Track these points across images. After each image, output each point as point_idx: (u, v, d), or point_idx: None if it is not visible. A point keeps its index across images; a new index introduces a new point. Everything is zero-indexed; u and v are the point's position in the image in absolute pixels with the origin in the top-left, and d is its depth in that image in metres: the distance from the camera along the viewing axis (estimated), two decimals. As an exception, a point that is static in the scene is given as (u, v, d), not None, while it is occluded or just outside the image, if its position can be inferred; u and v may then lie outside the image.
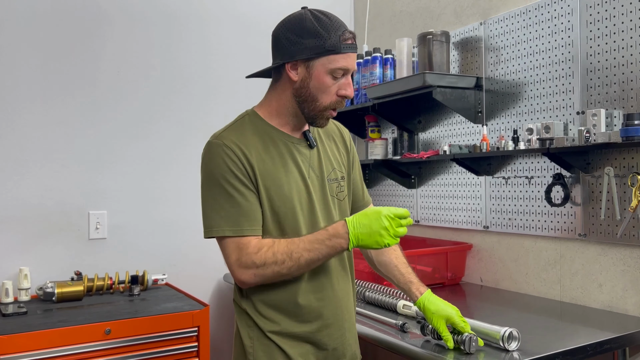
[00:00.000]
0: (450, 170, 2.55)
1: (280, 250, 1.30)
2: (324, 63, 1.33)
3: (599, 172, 1.90)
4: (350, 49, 1.34)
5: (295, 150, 1.41)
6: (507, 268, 2.27)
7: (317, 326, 1.40)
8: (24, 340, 1.79)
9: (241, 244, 1.32)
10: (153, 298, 2.29)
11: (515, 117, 2.22)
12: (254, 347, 1.39)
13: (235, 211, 1.32)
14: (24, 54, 2.36)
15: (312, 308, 1.39)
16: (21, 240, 2.34)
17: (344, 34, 1.33)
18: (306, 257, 1.30)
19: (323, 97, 1.35)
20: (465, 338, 1.44)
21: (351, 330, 1.50)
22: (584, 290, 1.98)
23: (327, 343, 1.42)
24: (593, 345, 1.53)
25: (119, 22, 2.56)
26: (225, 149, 1.34)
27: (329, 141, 1.51)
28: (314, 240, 1.30)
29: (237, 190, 1.32)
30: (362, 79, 2.82)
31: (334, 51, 1.32)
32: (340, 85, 1.36)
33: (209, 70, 2.78)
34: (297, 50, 1.33)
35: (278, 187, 1.35)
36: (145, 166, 2.61)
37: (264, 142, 1.38)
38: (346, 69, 1.35)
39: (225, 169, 1.33)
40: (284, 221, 1.36)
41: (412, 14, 2.82)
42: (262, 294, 1.38)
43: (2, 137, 2.31)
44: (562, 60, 2.04)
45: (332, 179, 1.45)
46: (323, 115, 1.38)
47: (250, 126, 1.40)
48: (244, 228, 1.32)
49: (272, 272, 1.30)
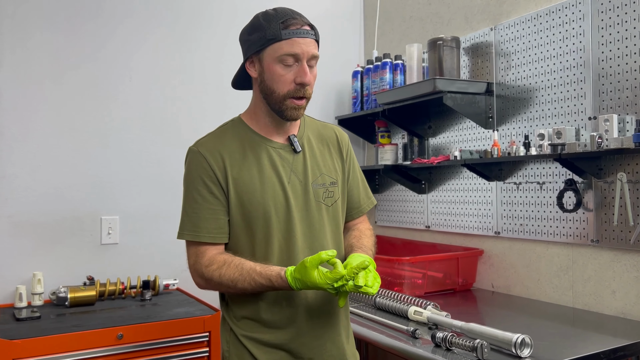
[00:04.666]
0: (461, 175, 2.55)
1: (226, 276, 1.33)
2: (270, 53, 1.34)
3: (612, 177, 1.89)
4: (295, 34, 1.33)
5: (277, 155, 1.42)
6: (519, 274, 2.25)
7: (290, 335, 1.40)
8: (38, 344, 1.81)
9: (198, 251, 1.39)
10: (164, 303, 2.31)
11: (526, 123, 2.21)
12: (230, 351, 1.42)
13: (196, 217, 1.38)
14: (37, 62, 2.39)
15: (278, 319, 1.39)
16: (35, 245, 2.36)
17: (285, 22, 1.33)
18: (249, 290, 1.33)
19: (278, 86, 1.36)
20: (477, 345, 1.43)
21: (335, 340, 1.45)
22: (596, 297, 1.96)
23: (302, 352, 1.41)
24: (607, 352, 1.52)
25: (131, 27, 2.59)
26: (199, 156, 1.40)
27: (322, 146, 1.50)
28: (259, 282, 1.31)
29: (203, 197, 1.38)
30: (372, 85, 2.82)
31: (274, 39, 1.33)
32: (295, 73, 1.35)
33: (220, 73, 2.79)
34: (247, 47, 1.39)
35: (251, 192, 1.38)
36: (157, 172, 2.63)
37: (243, 148, 1.41)
38: (293, 54, 1.33)
39: (195, 175, 1.39)
40: (255, 227, 1.38)
41: (422, 19, 2.83)
42: (234, 301, 1.43)
43: (16, 144, 2.34)
44: (573, 65, 2.03)
45: (318, 184, 1.45)
46: (286, 106, 1.37)
47: (232, 133, 1.44)
48: (202, 234, 1.37)
49: (218, 289, 1.39)
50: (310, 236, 1.42)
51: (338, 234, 1.49)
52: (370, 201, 1.62)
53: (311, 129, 1.52)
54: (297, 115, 1.40)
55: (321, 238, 1.44)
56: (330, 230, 1.46)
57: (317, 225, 1.43)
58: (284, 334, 1.39)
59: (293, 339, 1.40)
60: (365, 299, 2.09)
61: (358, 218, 1.60)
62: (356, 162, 1.60)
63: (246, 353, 1.40)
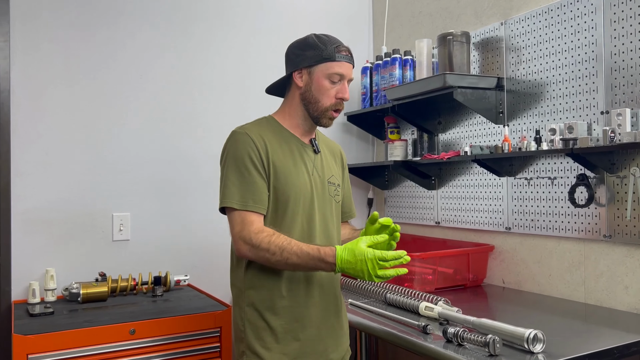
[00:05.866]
0: (471, 171, 2.54)
1: (275, 243, 1.45)
2: (322, 69, 1.58)
3: (624, 172, 1.88)
4: (345, 58, 1.59)
5: (304, 151, 1.64)
6: (530, 270, 2.24)
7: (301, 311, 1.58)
8: (51, 340, 1.82)
9: (246, 219, 1.51)
10: (176, 299, 2.32)
11: (537, 118, 2.20)
12: (244, 320, 1.58)
13: (244, 188, 1.52)
14: (48, 59, 2.41)
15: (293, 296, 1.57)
16: (47, 242, 2.38)
17: (339, 47, 1.59)
18: (293, 261, 1.45)
19: (323, 98, 1.59)
20: (489, 340, 1.43)
21: (338, 314, 1.66)
22: (609, 292, 1.95)
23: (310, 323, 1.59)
24: (620, 348, 1.51)
25: (143, 27, 2.60)
26: (246, 137, 1.56)
27: (330, 155, 1.75)
28: (306, 251, 1.44)
29: (249, 172, 1.53)
30: (382, 81, 2.82)
31: (329, 59, 1.57)
32: (338, 90, 1.59)
33: (233, 75, 2.80)
34: (300, 60, 1.60)
35: (287, 175, 1.56)
36: (168, 170, 2.64)
37: (278, 139, 1.61)
38: (341, 75, 1.59)
39: (243, 152, 1.54)
40: (285, 207, 1.55)
41: (431, 14, 2.81)
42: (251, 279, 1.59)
43: (29, 142, 2.36)
44: (585, 59, 2.02)
45: (331, 182, 1.68)
46: (326, 115, 1.61)
47: (268, 125, 1.64)
48: (249, 204, 1.51)
49: (263, 256, 1.47)
50: (324, 223, 1.63)
51: (339, 226, 1.73)
52: (354, 212, 1.87)
53: (322, 139, 1.77)
54: (329, 124, 1.64)
55: (331, 227, 1.66)
56: (336, 222, 1.69)
57: (328, 215, 1.65)
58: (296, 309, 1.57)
59: (303, 314, 1.57)
60: (375, 294, 2.09)
61: (345, 223, 1.83)
62: (348, 176, 1.85)
63: (260, 320, 1.55)
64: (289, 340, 1.55)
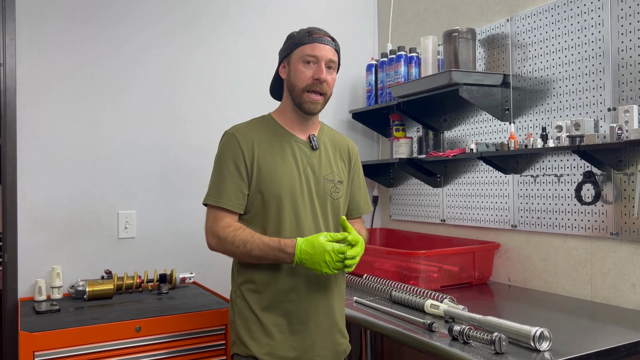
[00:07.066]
0: (477, 168, 2.53)
1: (240, 236, 1.54)
2: (297, 55, 1.62)
3: (632, 169, 1.86)
4: (317, 40, 1.60)
5: (297, 148, 1.65)
6: (536, 267, 2.23)
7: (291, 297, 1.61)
8: (57, 337, 1.83)
9: (217, 215, 1.60)
10: (181, 296, 2.32)
11: (543, 115, 2.19)
12: (235, 304, 1.66)
13: (221, 187, 1.60)
14: (54, 59, 2.41)
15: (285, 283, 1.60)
16: (53, 239, 2.39)
17: (311, 31, 1.62)
18: (256, 253, 1.53)
19: (298, 81, 1.61)
20: (495, 338, 1.42)
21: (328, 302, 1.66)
22: (616, 290, 1.94)
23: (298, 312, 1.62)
24: (627, 346, 1.50)
25: (147, 27, 2.60)
26: (232, 138, 1.63)
27: (334, 151, 1.74)
28: (267, 243, 1.52)
29: (229, 171, 1.60)
30: (387, 78, 2.81)
31: (301, 43, 1.61)
32: (314, 71, 1.60)
33: (238, 72, 2.80)
34: (280, 54, 1.68)
35: (272, 173, 1.60)
36: (173, 167, 2.64)
37: (270, 137, 1.65)
38: (315, 56, 1.60)
39: (227, 153, 1.62)
40: (271, 203, 1.59)
41: (436, 11, 2.80)
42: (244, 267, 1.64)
43: (35, 140, 2.37)
44: (592, 56, 2.00)
45: (328, 179, 1.68)
46: (304, 99, 1.61)
47: (263, 124, 1.69)
48: (223, 201, 1.59)
49: (229, 249, 1.57)
50: (317, 222, 1.64)
51: (337, 225, 1.69)
52: (367, 207, 1.85)
53: (328, 135, 1.76)
54: (314, 108, 1.63)
55: (326, 224, 1.66)
56: (333, 220, 1.68)
57: (322, 213, 1.66)
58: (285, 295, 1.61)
59: (293, 301, 1.61)
60: (381, 292, 2.09)
61: (356, 218, 1.82)
62: (361, 173, 1.84)
63: (249, 312, 1.61)
64: (276, 333, 1.59)
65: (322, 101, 1.63)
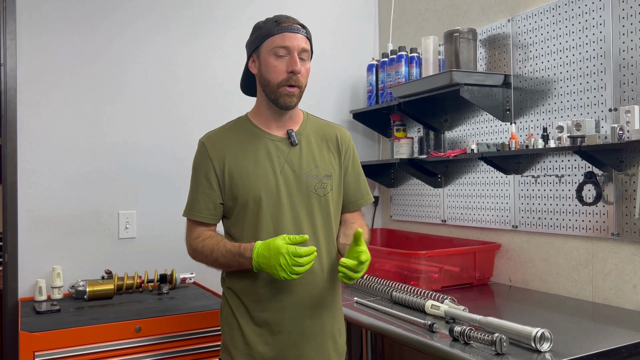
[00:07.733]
0: (477, 169, 2.52)
1: (207, 245, 1.53)
2: (265, 47, 1.51)
3: (633, 170, 1.86)
4: (287, 29, 1.50)
5: (273, 147, 1.56)
6: (537, 268, 2.23)
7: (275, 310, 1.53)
8: (58, 337, 1.83)
9: (191, 227, 1.62)
10: (181, 297, 2.32)
11: (544, 115, 2.18)
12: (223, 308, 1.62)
13: (193, 198, 1.60)
14: (55, 59, 2.41)
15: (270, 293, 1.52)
16: (54, 239, 2.39)
17: (278, 20, 1.51)
18: (222, 261, 1.51)
19: (272, 76, 1.51)
20: (495, 339, 1.42)
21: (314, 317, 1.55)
22: (617, 291, 1.93)
23: (282, 326, 1.53)
24: (629, 347, 1.50)
25: (147, 27, 2.60)
26: (202, 148, 1.59)
27: (321, 143, 1.62)
28: (229, 249, 1.49)
29: (200, 183, 1.58)
30: (388, 78, 2.81)
31: (269, 34, 1.51)
32: (287, 63, 1.50)
33: (235, 72, 2.80)
34: (248, 47, 1.58)
35: (244, 178, 1.53)
36: (173, 167, 2.64)
37: (243, 140, 1.58)
38: (286, 47, 1.49)
39: (198, 165, 1.60)
40: (246, 209, 1.53)
41: (437, 11, 2.80)
42: (230, 276, 1.60)
43: (35, 139, 2.37)
44: (593, 56, 2.00)
45: (312, 176, 1.57)
46: (280, 93, 1.52)
47: (237, 127, 1.62)
48: (194, 213, 1.59)
49: (201, 259, 1.58)
50: (298, 222, 1.54)
51: (329, 223, 1.59)
52: (366, 198, 1.71)
53: (314, 126, 1.64)
54: (290, 102, 1.53)
55: (310, 225, 1.55)
56: (321, 218, 1.57)
57: (306, 212, 1.55)
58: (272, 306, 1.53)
59: (276, 313, 1.53)
60: (381, 293, 2.08)
61: (354, 212, 1.70)
62: (357, 161, 1.70)
63: (233, 319, 1.56)
64: (257, 344, 1.52)
65: (297, 93, 1.53)
